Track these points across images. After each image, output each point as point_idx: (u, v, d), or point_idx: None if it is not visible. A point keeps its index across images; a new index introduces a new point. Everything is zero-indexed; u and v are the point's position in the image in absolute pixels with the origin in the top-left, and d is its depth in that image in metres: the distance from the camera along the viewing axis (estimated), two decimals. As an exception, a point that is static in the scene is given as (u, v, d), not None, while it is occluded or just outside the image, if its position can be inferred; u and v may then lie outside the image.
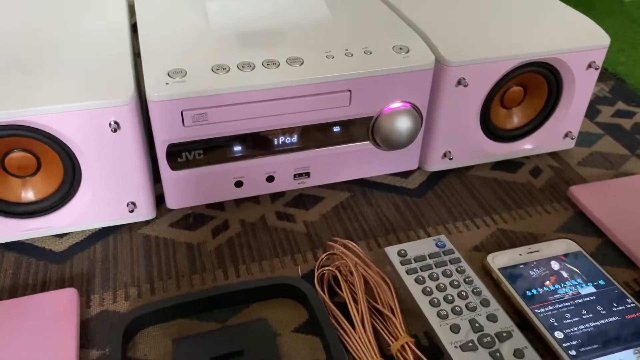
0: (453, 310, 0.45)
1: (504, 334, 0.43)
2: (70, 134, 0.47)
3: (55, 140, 0.48)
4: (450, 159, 0.61)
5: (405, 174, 0.63)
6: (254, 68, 0.51)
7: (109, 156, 0.49)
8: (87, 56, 0.51)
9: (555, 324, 0.45)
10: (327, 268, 0.49)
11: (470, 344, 0.42)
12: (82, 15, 0.59)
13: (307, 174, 0.58)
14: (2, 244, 0.53)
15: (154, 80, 0.49)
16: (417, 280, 0.47)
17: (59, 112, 0.46)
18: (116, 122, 0.47)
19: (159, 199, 0.57)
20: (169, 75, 0.49)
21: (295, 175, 0.57)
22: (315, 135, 0.55)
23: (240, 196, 0.57)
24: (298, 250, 0.53)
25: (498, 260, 0.51)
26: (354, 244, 0.49)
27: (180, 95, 0.48)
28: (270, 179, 0.56)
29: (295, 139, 0.55)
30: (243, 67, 0.51)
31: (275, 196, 0.60)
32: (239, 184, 0.56)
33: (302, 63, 0.52)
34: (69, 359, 0.42)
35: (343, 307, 0.46)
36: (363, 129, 0.56)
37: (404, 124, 0.55)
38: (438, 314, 0.44)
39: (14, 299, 0.46)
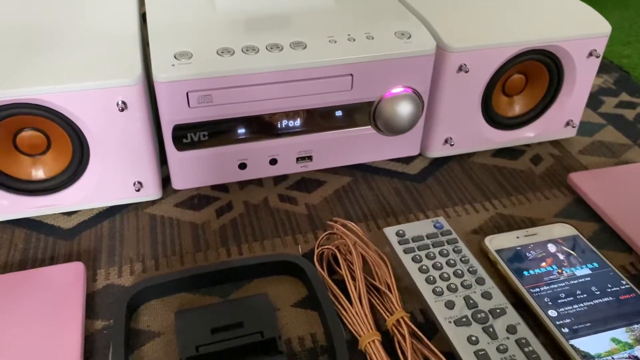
0: (448, 287, 0.46)
1: (498, 311, 0.44)
2: (79, 112, 0.49)
3: (64, 119, 0.49)
4: (452, 145, 0.62)
5: (406, 160, 0.64)
6: (258, 51, 0.52)
7: (116, 136, 0.50)
8: (96, 38, 0.53)
9: (550, 303, 0.46)
10: (327, 247, 0.50)
11: (464, 319, 0.43)
12: (92, 3, 0.60)
13: (310, 158, 0.59)
14: (12, 220, 0.54)
15: (161, 62, 0.50)
16: (414, 259, 0.48)
17: (68, 91, 0.47)
18: (123, 102, 0.49)
19: (165, 181, 0.58)
20: (175, 57, 0.51)
21: (298, 159, 0.58)
22: (318, 120, 0.56)
23: (244, 178, 0.58)
24: (299, 231, 0.55)
25: (495, 242, 0.52)
26: (353, 224, 0.50)
27: (186, 77, 0.50)
28: (273, 161, 0.58)
29: (298, 122, 0.56)
30: (247, 50, 0.52)
31: (278, 179, 0.61)
32: (242, 165, 0.57)
33: (305, 47, 0.53)
34: (75, 328, 0.43)
35: (341, 285, 0.47)
36: (365, 113, 0.57)
37: (405, 108, 0.56)
38: (433, 291, 0.45)
39: (24, 271, 0.47)
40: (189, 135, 0.53)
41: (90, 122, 0.49)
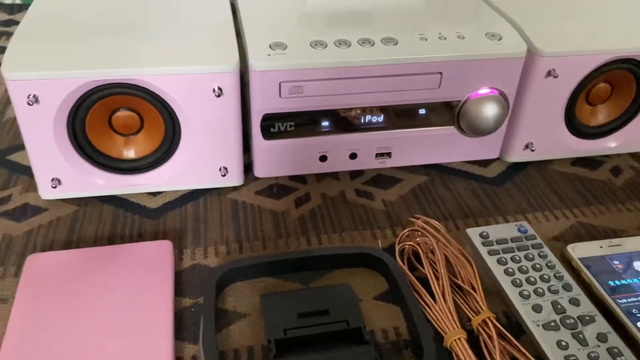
0: (535, 291, 0.45)
1: (587, 318, 0.43)
2: (176, 95, 0.50)
3: (161, 101, 0.51)
4: (532, 150, 0.61)
5: (484, 163, 0.63)
6: (349, 45, 0.53)
7: (209, 120, 0.52)
8: (193, 25, 0.54)
9: (638, 314, 0.45)
10: (408, 243, 0.50)
11: (552, 324, 0.43)
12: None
13: (389, 154, 0.59)
14: (100, 197, 0.56)
15: (257, 51, 0.51)
16: (499, 262, 0.48)
17: (168, 74, 0.49)
18: (220, 88, 0.50)
19: (245, 168, 0.59)
20: (270, 47, 0.52)
21: (377, 155, 0.59)
22: (401, 116, 0.57)
23: (323, 170, 0.59)
24: (377, 226, 0.55)
25: (578, 250, 0.51)
26: (436, 222, 0.50)
27: (280, 67, 0.51)
28: (353, 155, 0.58)
29: (381, 118, 0.56)
30: (340, 44, 0.53)
31: (354, 174, 0.61)
32: (323, 158, 0.58)
33: (397, 43, 0.53)
34: (166, 304, 0.44)
35: (422, 282, 0.48)
36: (449, 113, 0.57)
37: (491, 110, 0.55)
38: (520, 294, 0.45)
39: (115, 245, 0.49)
40: (277, 125, 0.54)
41: (186, 106, 0.51)
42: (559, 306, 0.44)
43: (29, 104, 0.48)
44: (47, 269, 0.46)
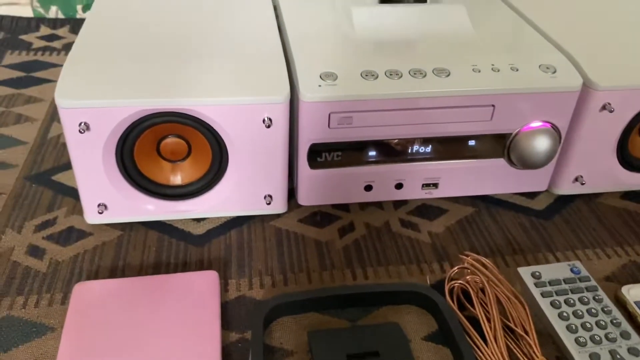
0: (592, 338, 0.44)
1: (648, 370, 0.42)
2: (226, 125, 0.50)
3: (209, 129, 0.51)
4: (583, 184, 0.59)
5: (531, 195, 0.62)
6: (401, 76, 0.52)
7: (257, 150, 0.51)
8: (243, 54, 0.54)
9: (701, 366, 0.43)
10: (458, 282, 0.49)
11: (612, 376, 0.41)
12: (234, 18, 0.61)
13: (436, 185, 0.58)
14: (144, 222, 0.56)
15: (308, 82, 0.50)
16: (552, 304, 0.46)
17: (220, 104, 0.48)
18: (269, 119, 0.49)
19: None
20: (321, 77, 0.51)
21: (423, 185, 0.58)
22: (450, 147, 0.56)
23: (368, 200, 0.58)
24: (424, 260, 0.54)
25: (634, 292, 0.49)
26: (488, 261, 0.49)
27: (331, 98, 0.50)
28: (399, 186, 0.57)
29: (429, 149, 0.55)
30: (391, 74, 0.52)
31: (398, 203, 0.60)
32: (368, 187, 0.57)
33: (449, 74, 0.52)
34: (214, 339, 0.44)
35: (472, 321, 0.46)
36: (499, 145, 0.56)
37: (543, 144, 0.54)
38: (576, 341, 0.44)
39: (162, 275, 0.49)
40: (323, 154, 0.54)
41: (235, 135, 0.50)
42: (618, 356, 0.42)
43: (80, 131, 0.48)
44: (94, 299, 0.46)
